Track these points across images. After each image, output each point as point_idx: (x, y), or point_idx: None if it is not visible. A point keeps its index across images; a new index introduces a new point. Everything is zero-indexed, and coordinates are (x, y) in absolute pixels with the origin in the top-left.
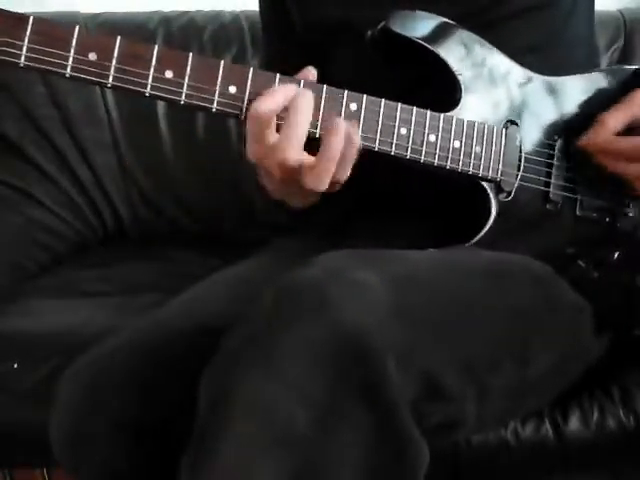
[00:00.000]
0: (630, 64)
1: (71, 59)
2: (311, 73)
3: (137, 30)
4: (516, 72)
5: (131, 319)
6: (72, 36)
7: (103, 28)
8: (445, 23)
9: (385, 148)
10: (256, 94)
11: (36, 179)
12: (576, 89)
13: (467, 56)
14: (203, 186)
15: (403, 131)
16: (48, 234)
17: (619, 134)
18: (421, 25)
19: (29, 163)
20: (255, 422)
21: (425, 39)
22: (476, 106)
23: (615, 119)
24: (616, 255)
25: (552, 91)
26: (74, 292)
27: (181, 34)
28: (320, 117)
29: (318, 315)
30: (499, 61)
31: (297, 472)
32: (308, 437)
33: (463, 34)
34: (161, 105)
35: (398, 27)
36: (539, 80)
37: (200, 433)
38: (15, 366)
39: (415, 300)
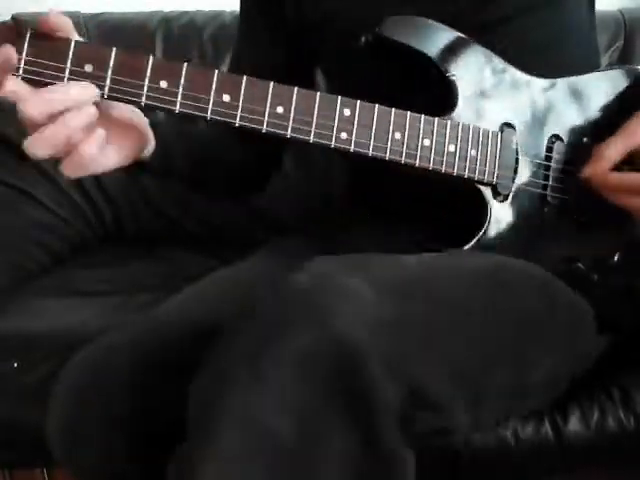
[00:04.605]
0: (630, 64)
1: (67, 71)
2: None
3: (137, 30)
4: (512, 74)
5: (129, 319)
6: (69, 48)
7: (103, 28)
8: (439, 27)
9: (379, 153)
10: (250, 101)
11: (36, 179)
12: (574, 90)
13: (462, 59)
14: None
15: (397, 136)
16: (48, 234)
17: (618, 165)
18: (415, 29)
19: (29, 163)
20: (240, 435)
21: (419, 44)
22: (471, 110)
23: (612, 151)
24: (616, 257)
25: (549, 93)
26: (74, 292)
27: (181, 34)
28: (314, 123)
29: (304, 324)
30: (495, 64)
31: None
32: (293, 448)
33: (458, 37)
34: None
35: (391, 32)
36: (536, 82)
37: (186, 447)
38: (15, 366)
39: (405, 307)
